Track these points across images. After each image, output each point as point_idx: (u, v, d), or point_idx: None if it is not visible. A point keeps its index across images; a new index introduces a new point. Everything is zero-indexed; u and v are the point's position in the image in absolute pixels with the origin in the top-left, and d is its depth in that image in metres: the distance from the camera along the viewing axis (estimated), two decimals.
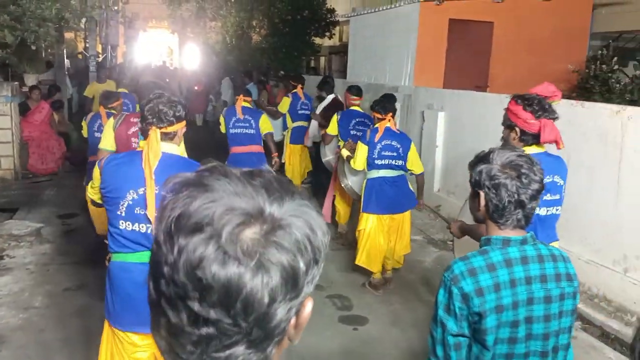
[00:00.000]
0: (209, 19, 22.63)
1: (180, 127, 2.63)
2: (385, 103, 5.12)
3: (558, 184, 3.13)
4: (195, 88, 16.19)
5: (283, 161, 7.96)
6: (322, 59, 22.01)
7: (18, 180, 8.39)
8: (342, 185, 5.85)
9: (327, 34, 17.22)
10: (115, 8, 25.97)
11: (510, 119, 3.04)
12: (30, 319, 4.26)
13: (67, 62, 13.95)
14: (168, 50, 28.68)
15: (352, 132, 6.04)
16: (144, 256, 2.51)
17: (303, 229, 0.71)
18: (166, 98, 2.60)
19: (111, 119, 4.45)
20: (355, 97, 6.33)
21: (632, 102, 7.17)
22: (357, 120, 6.16)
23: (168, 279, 0.69)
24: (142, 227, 2.54)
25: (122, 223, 2.55)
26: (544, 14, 9.56)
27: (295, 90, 8.04)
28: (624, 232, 4.78)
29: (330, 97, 7.43)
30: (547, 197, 3.07)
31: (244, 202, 0.69)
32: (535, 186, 1.77)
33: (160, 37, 28.70)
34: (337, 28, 18.11)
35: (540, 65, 9.53)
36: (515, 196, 1.76)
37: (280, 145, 7.69)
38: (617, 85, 7.77)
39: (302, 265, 0.70)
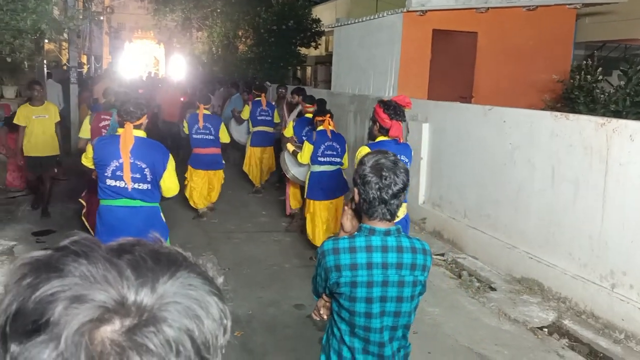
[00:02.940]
0: (195, 29, 22.54)
1: (144, 120, 3.92)
2: (323, 107, 6.47)
3: (404, 161, 4.35)
4: (182, 99, 15.99)
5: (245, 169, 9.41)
6: (309, 69, 21.95)
7: None
8: (288, 176, 6.95)
9: (313, 44, 17.17)
10: (101, 18, 25.79)
11: (375, 116, 4.23)
12: None
13: (49, 73, 13.69)
14: (154, 60, 28.46)
15: (304, 137, 6.73)
16: (122, 202, 3.92)
17: (182, 321, 0.55)
18: (134, 101, 3.88)
19: (87, 117, 6.21)
20: (308, 105, 7.16)
21: (617, 113, 7.11)
22: (309, 127, 6.82)
23: None
24: (122, 183, 3.87)
25: (109, 181, 3.89)
26: (528, 24, 9.54)
27: (258, 99, 9.10)
28: (611, 247, 4.69)
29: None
30: None
31: (101, 289, 0.54)
32: (396, 187, 2.08)
33: (146, 48, 28.48)
34: (323, 38, 18.07)
35: (525, 75, 9.50)
36: (379, 193, 2.07)
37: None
38: (602, 96, 7.71)
39: None
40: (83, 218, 6.34)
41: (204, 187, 7.66)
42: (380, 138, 4.25)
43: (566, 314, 4.89)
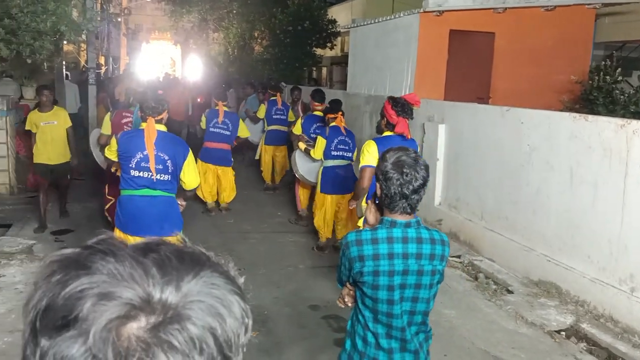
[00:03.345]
0: (211, 31, 22.66)
1: (165, 115, 4.26)
2: (336, 105, 6.57)
3: None
4: (198, 100, 16.07)
5: (257, 158, 9.65)
6: (324, 70, 21.95)
7: (13, 195, 8.28)
8: (296, 175, 7.08)
9: (328, 44, 17.17)
10: (118, 20, 26.06)
11: (383, 111, 4.45)
12: (14, 343, 4.12)
13: (67, 74, 13.86)
14: (171, 61, 28.66)
15: (312, 135, 7.01)
16: (144, 192, 4.19)
17: (205, 319, 0.57)
18: (155, 98, 4.26)
19: (108, 114, 6.56)
20: (317, 103, 7.39)
21: (637, 114, 7.01)
22: (317, 124, 7.15)
23: None
24: (145, 174, 4.15)
25: (133, 171, 4.15)
26: (546, 24, 9.44)
27: (274, 98, 9.37)
28: (630, 250, 4.62)
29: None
30: None
31: (127, 287, 0.55)
32: (417, 183, 2.18)
33: (163, 49, 28.70)
34: (339, 39, 18.05)
35: (543, 76, 9.40)
36: (400, 189, 2.17)
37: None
38: (622, 97, 7.61)
39: None
40: (106, 213, 6.65)
41: (213, 183, 7.89)
42: (387, 133, 4.46)
43: (584, 317, 4.83)
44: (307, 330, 4.54)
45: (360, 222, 4.60)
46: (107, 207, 6.60)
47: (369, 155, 4.36)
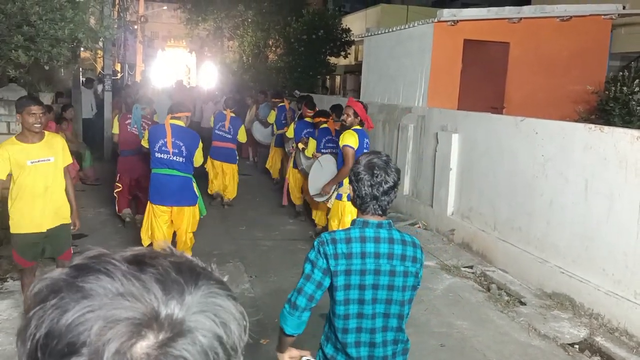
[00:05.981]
0: (226, 39, 22.83)
1: (182, 115, 5.59)
2: (338, 111, 7.13)
3: (367, 143, 5.63)
4: (210, 104, 16.15)
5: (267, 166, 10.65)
6: (338, 78, 21.99)
7: None
8: (299, 169, 7.91)
9: (342, 53, 17.21)
10: (135, 27, 26.36)
11: (356, 112, 5.50)
12: None
13: (88, 79, 14.02)
14: (186, 69, 28.86)
15: (303, 137, 7.94)
16: (165, 171, 5.43)
17: (212, 329, 0.56)
18: (179, 102, 6.00)
19: (117, 116, 7.71)
20: (309, 110, 8.26)
21: None
22: (307, 130, 7.95)
23: None
24: (165, 155, 5.42)
25: (157, 154, 5.42)
26: (562, 35, 9.39)
27: (282, 104, 10.35)
28: None
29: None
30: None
31: (131, 306, 0.54)
32: (387, 185, 2.26)
33: (178, 56, 28.92)
34: (353, 47, 18.09)
35: (558, 86, 9.34)
36: (370, 190, 2.25)
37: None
38: (638, 108, 7.53)
39: None
40: (115, 194, 7.62)
41: (220, 177, 8.84)
42: (357, 127, 5.55)
43: (598, 330, 4.77)
44: (317, 339, 4.51)
45: (330, 204, 5.61)
46: (115, 191, 7.62)
47: (351, 137, 5.41)
